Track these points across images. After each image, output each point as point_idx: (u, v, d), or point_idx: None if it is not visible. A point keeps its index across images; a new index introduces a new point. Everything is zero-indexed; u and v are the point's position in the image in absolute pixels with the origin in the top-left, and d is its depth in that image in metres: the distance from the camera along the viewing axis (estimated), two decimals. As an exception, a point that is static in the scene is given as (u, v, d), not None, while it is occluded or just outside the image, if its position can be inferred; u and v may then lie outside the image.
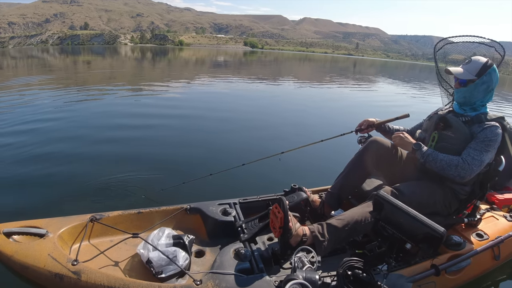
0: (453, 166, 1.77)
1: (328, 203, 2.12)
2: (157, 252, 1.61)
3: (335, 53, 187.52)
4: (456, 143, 1.84)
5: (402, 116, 2.33)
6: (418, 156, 1.89)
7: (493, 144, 1.77)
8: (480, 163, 1.75)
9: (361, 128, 2.39)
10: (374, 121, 2.37)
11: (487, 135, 1.77)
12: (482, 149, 1.76)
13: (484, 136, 1.77)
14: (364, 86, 16.40)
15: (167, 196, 2.97)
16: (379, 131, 2.40)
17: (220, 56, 46.40)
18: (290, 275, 1.36)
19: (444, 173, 1.81)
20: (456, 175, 1.77)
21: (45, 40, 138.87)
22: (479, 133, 1.79)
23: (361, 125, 2.39)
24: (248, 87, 12.30)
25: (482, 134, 1.78)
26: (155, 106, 7.58)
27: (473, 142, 1.80)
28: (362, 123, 2.40)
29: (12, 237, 1.59)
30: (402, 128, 2.37)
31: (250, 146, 4.85)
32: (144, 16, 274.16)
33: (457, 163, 1.76)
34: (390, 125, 2.39)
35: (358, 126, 2.41)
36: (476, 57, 1.86)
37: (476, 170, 1.76)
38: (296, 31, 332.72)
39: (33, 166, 3.53)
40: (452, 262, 1.77)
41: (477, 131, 1.80)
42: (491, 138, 1.76)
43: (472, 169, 1.74)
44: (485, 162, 1.77)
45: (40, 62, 22.71)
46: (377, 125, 2.36)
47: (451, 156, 1.81)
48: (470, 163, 1.74)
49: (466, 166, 1.75)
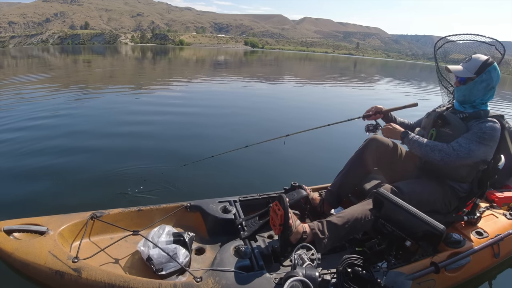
0: (437, 151, 1.79)
1: (328, 201, 2.13)
2: (157, 249, 1.61)
3: (335, 52, 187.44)
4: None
5: (410, 104, 2.31)
6: (406, 143, 1.94)
7: (488, 137, 1.75)
8: (467, 152, 1.74)
9: (369, 114, 2.34)
10: (382, 108, 2.33)
11: (481, 128, 1.76)
12: (473, 139, 1.75)
13: (479, 128, 1.77)
14: (365, 84, 16.40)
15: (168, 193, 2.98)
16: (385, 120, 2.37)
17: (221, 55, 46.37)
18: (290, 272, 1.36)
19: (428, 158, 1.84)
20: (439, 159, 1.79)
21: (45, 40, 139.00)
22: (475, 126, 1.79)
23: (369, 111, 2.35)
24: (250, 85, 12.29)
25: (477, 127, 1.78)
26: (155, 103, 7.60)
27: (467, 133, 1.80)
28: (370, 109, 2.36)
29: (12, 234, 1.59)
30: (407, 121, 2.36)
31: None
32: (144, 15, 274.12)
33: (442, 148, 1.78)
34: (396, 117, 2.37)
35: (366, 112, 2.37)
36: (476, 55, 1.86)
37: (462, 157, 1.75)
38: (296, 31, 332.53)
39: (33, 164, 3.53)
40: (451, 259, 1.77)
41: (474, 125, 1.80)
42: (485, 131, 1.75)
43: (458, 156, 1.74)
44: (474, 152, 1.74)
45: (41, 61, 22.70)
46: (385, 112, 2.33)
47: (437, 142, 1.84)
48: (456, 149, 1.75)
49: (450, 151, 1.76)
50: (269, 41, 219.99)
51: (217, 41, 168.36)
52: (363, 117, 2.38)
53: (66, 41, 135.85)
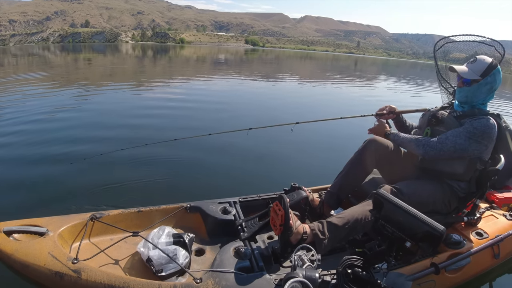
0: (421, 145, 1.84)
1: (328, 202, 2.12)
2: (157, 250, 1.61)
3: (336, 51, 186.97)
4: None
5: (422, 109, 2.29)
6: (391, 139, 2.03)
7: (478, 133, 1.74)
8: (453, 146, 1.76)
9: (382, 113, 2.31)
10: (395, 109, 2.31)
11: (473, 124, 1.76)
12: (462, 134, 1.76)
13: (470, 124, 1.77)
14: (366, 83, 16.39)
15: (167, 194, 2.98)
16: (396, 122, 2.36)
17: (222, 53, 46.31)
18: (290, 273, 1.36)
19: (413, 150, 1.91)
20: (422, 152, 1.84)
21: (46, 38, 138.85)
22: (467, 123, 1.79)
23: (383, 110, 2.33)
24: (250, 84, 12.30)
25: (469, 123, 1.78)
26: (155, 101, 7.64)
27: (458, 128, 1.81)
28: (384, 107, 2.33)
29: (12, 235, 1.59)
30: (415, 124, 2.34)
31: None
32: (145, 14, 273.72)
33: (426, 141, 1.84)
34: (406, 119, 2.38)
35: (380, 110, 2.34)
36: (482, 57, 1.84)
37: (447, 151, 1.77)
38: (297, 29, 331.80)
39: (33, 165, 3.53)
40: (451, 260, 1.77)
41: (466, 122, 1.81)
42: (476, 126, 1.74)
43: (442, 149, 1.78)
44: (461, 145, 1.75)
45: (41, 59, 22.71)
46: (398, 113, 2.32)
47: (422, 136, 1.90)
48: (441, 142, 1.78)
49: (433, 144, 1.80)
50: (269, 39, 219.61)
51: (218, 40, 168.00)
52: (376, 114, 2.35)
53: (67, 39, 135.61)
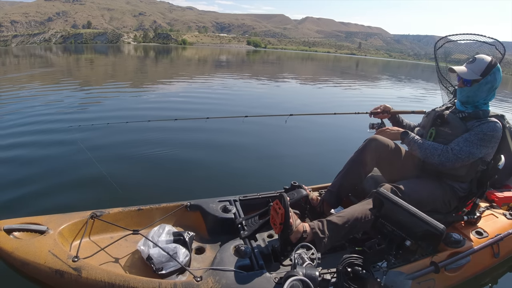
0: (436, 155, 1.80)
1: (328, 201, 2.12)
2: (157, 248, 1.61)
3: (337, 52, 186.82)
4: (453, 139, 1.84)
5: (419, 111, 2.30)
6: (406, 143, 1.95)
7: (489, 139, 1.75)
8: (467, 155, 1.75)
9: (376, 112, 2.33)
10: (390, 108, 2.32)
11: (483, 129, 1.76)
12: (474, 141, 1.75)
13: (480, 130, 1.76)
14: (370, 83, 16.38)
15: (168, 192, 2.98)
16: (392, 121, 2.37)
17: (224, 54, 46.32)
18: (290, 272, 1.36)
19: (428, 160, 1.84)
20: (438, 163, 1.80)
21: (48, 39, 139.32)
22: (476, 127, 1.78)
23: (377, 109, 2.34)
24: (250, 84, 12.32)
25: (479, 128, 1.77)
26: (156, 101, 7.65)
27: (468, 133, 1.80)
28: (378, 107, 2.34)
29: (12, 233, 1.59)
30: (413, 124, 2.35)
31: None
32: (146, 15, 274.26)
33: (441, 152, 1.78)
34: (403, 119, 2.37)
35: (374, 109, 2.35)
36: (481, 56, 1.84)
37: (462, 160, 1.76)
38: (298, 30, 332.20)
39: (33, 163, 3.54)
40: (451, 259, 1.77)
41: (474, 125, 1.80)
42: (487, 132, 1.75)
43: (457, 158, 1.76)
44: (474, 155, 1.75)
45: (43, 60, 22.75)
46: (393, 113, 2.32)
47: (437, 144, 1.83)
48: (456, 153, 1.76)
49: (449, 155, 1.77)
50: (271, 40, 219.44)
51: (219, 41, 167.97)
52: (370, 113, 2.36)
53: (69, 40, 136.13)
